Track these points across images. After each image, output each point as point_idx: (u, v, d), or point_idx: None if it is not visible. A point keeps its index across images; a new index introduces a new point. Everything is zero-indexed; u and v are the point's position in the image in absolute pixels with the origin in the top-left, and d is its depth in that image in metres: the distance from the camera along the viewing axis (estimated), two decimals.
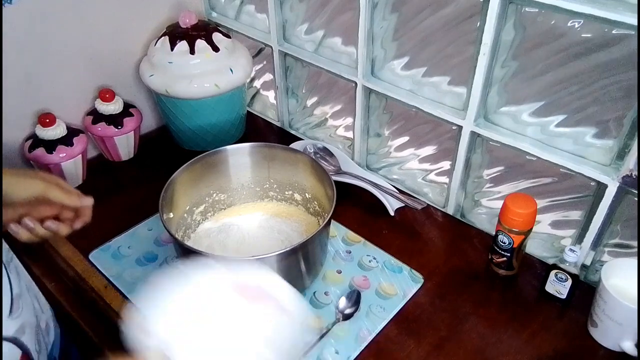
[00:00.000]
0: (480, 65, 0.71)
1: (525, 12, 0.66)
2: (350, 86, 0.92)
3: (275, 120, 1.14)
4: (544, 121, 0.72)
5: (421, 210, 0.87)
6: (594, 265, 0.75)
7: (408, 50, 0.82)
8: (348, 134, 1.00)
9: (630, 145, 0.64)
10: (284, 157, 0.82)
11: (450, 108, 0.80)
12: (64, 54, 0.93)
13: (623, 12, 0.58)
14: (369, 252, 0.81)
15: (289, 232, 0.81)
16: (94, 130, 0.97)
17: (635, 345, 0.64)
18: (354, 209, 0.89)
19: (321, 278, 0.77)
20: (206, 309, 0.45)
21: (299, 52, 0.97)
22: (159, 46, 0.96)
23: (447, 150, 0.85)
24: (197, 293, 0.46)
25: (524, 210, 0.70)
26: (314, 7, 0.92)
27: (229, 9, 1.09)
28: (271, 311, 0.47)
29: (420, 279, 0.77)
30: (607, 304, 0.65)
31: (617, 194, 0.67)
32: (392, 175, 0.97)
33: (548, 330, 0.70)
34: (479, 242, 0.84)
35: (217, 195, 0.84)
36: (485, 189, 0.84)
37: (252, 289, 0.47)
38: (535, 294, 0.75)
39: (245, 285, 0.47)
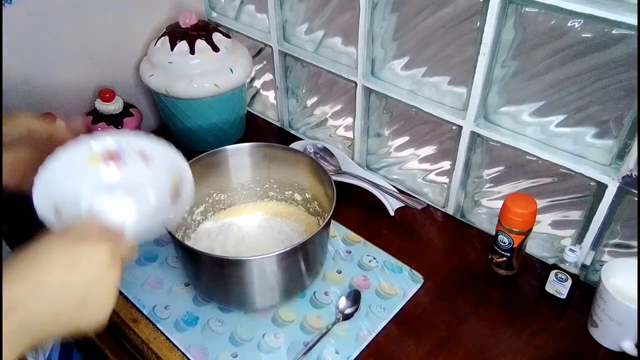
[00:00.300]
0: (480, 65, 0.71)
1: (525, 12, 0.66)
2: (350, 86, 0.92)
3: (275, 120, 1.14)
4: (544, 121, 0.72)
5: (421, 210, 0.87)
6: (594, 265, 0.75)
7: (408, 50, 0.82)
8: (348, 134, 1.00)
9: (630, 145, 0.64)
10: (284, 157, 0.82)
11: (450, 108, 0.80)
12: (63, 54, 0.93)
13: (623, 12, 0.58)
14: (369, 252, 0.81)
15: (289, 232, 0.81)
16: (94, 130, 0.97)
17: (635, 345, 0.64)
18: (354, 209, 0.89)
19: (321, 278, 0.77)
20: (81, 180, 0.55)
21: (299, 52, 0.97)
22: (159, 46, 0.96)
23: (447, 150, 0.85)
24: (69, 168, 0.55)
25: (524, 210, 0.70)
26: (314, 7, 0.92)
27: (229, 9, 1.09)
28: (133, 165, 0.58)
29: (420, 279, 0.77)
30: (607, 304, 0.65)
31: (617, 194, 0.67)
32: (392, 175, 0.97)
33: (548, 330, 0.70)
34: (479, 242, 0.84)
35: (217, 195, 0.84)
36: (485, 189, 0.84)
37: (113, 153, 0.57)
38: (535, 294, 0.75)
39: (106, 152, 0.57)
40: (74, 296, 0.41)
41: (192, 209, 0.81)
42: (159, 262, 0.80)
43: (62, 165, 0.54)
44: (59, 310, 0.40)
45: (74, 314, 0.41)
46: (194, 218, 0.82)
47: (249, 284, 0.67)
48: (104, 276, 0.43)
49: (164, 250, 0.82)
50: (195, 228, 0.82)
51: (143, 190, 0.57)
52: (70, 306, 0.41)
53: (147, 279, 0.77)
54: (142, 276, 0.78)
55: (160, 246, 0.82)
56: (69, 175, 0.54)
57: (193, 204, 0.81)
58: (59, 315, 0.41)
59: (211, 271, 0.70)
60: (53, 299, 0.40)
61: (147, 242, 0.83)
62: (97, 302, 0.43)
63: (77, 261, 0.41)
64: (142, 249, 0.82)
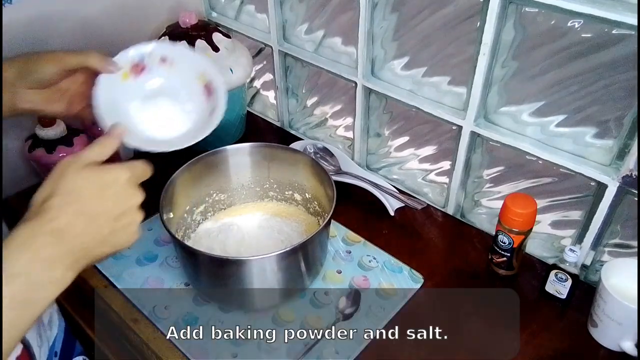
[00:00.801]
0: (480, 65, 0.71)
1: (525, 12, 0.66)
2: (350, 86, 0.92)
3: (275, 120, 1.14)
4: (544, 121, 0.72)
5: (421, 210, 0.87)
6: (594, 265, 0.75)
7: (408, 50, 0.82)
8: (348, 134, 1.00)
9: (630, 145, 0.64)
10: (284, 157, 0.82)
11: (450, 108, 0.80)
12: None
13: (623, 12, 0.58)
14: (369, 252, 0.81)
15: (289, 232, 0.81)
16: (94, 130, 0.97)
17: (635, 345, 0.64)
18: (354, 209, 0.89)
19: (321, 278, 0.77)
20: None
21: (299, 52, 0.97)
22: None
23: (447, 150, 0.85)
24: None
25: (524, 210, 0.70)
26: (314, 7, 0.92)
27: (229, 9, 1.09)
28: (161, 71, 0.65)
29: (420, 279, 0.77)
30: (607, 304, 0.65)
31: (617, 194, 0.67)
32: (392, 175, 0.97)
33: (548, 330, 0.70)
34: (479, 242, 0.84)
35: (217, 195, 0.84)
36: (485, 189, 0.84)
37: (137, 65, 0.65)
38: (535, 294, 0.75)
39: (132, 65, 0.65)
40: (107, 220, 0.47)
41: (192, 209, 0.81)
42: (159, 262, 0.80)
43: (105, 90, 0.61)
44: (97, 234, 0.47)
45: (108, 237, 0.48)
46: (194, 218, 0.82)
47: (249, 284, 0.67)
48: (130, 199, 0.49)
49: (164, 250, 0.82)
50: (195, 228, 0.82)
51: (176, 91, 0.65)
52: (105, 229, 0.47)
53: (147, 279, 0.77)
54: (142, 276, 0.78)
55: (160, 246, 0.82)
56: (114, 97, 0.62)
57: (193, 204, 0.81)
58: (97, 238, 0.47)
59: (211, 271, 0.70)
60: (92, 224, 0.46)
61: (147, 242, 0.83)
62: (127, 224, 0.49)
63: (106, 187, 0.47)
64: (142, 249, 0.82)
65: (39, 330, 0.62)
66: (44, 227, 0.43)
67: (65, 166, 0.47)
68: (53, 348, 0.66)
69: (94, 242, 0.46)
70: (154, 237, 0.83)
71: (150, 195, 0.73)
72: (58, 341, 0.68)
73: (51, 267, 0.43)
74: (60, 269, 0.44)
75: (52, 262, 0.43)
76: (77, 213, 0.45)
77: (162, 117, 0.65)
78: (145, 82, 0.65)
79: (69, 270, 0.45)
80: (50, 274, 0.43)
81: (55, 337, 0.67)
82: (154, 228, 0.84)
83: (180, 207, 0.77)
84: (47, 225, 0.43)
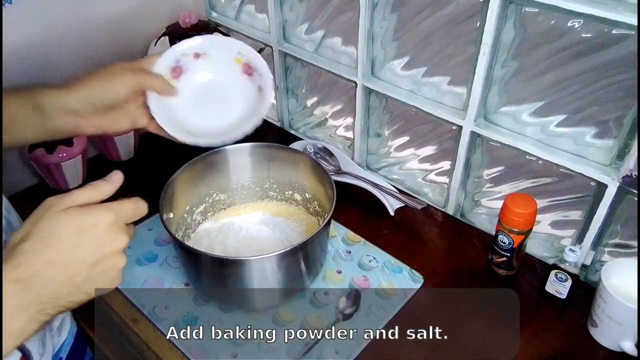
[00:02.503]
0: (480, 65, 0.71)
1: (525, 12, 0.66)
2: (350, 86, 0.92)
3: (275, 120, 1.14)
4: (544, 121, 0.72)
5: (421, 210, 0.87)
6: (594, 265, 0.75)
7: (408, 50, 0.82)
8: (348, 134, 1.00)
9: (630, 145, 0.64)
10: (284, 157, 0.82)
11: (450, 108, 0.80)
12: (63, 53, 0.93)
13: (623, 12, 0.58)
14: (369, 252, 0.81)
15: (289, 232, 0.81)
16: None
17: (635, 345, 0.64)
18: (354, 209, 0.89)
19: (321, 278, 0.77)
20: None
21: (299, 52, 0.97)
22: (158, 46, 0.96)
23: (447, 150, 0.85)
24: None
25: (524, 210, 0.70)
26: (314, 7, 0.92)
27: (229, 9, 1.09)
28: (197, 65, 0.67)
29: (420, 279, 0.77)
30: (607, 304, 0.65)
31: (617, 194, 0.67)
32: (392, 175, 0.97)
33: (548, 330, 0.70)
34: (479, 242, 0.84)
35: (217, 195, 0.84)
36: (485, 189, 0.84)
37: (175, 68, 0.66)
38: (535, 294, 0.75)
39: (171, 70, 0.66)
40: (82, 267, 0.43)
41: (192, 209, 0.81)
42: (159, 262, 0.80)
43: (158, 99, 0.63)
44: (69, 282, 0.43)
45: (82, 284, 0.44)
46: (194, 218, 0.82)
47: (249, 284, 0.67)
48: (111, 244, 0.45)
49: (164, 250, 0.82)
50: (195, 228, 0.82)
51: (219, 79, 0.67)
52: (78, 277, 0.43)
53: (147, 279, 0.77)
54: (142, 276, 0.78)
55: (160, 246, 0.82)
56: (168, 103, 0.64)
57: (193, 204, 0.81)
58: (69, 286, 0.43)
59: (211, 271, 0.70)
60: (64, 272, 0.42)
61: (147, 242, 0.83)
62: (106, 270, 0.45)
63: (84, 232, 0.43)
64: (142, 249, 0.82)
65: (43, 338, 0.61)
66: (8, 274, 0.40)
67: (48, 206, 0.44)
68: (58, 354, 0.65)
69: (65, 290, 0.43)
70: (154, 237, 0.83)
71: (150, 195, 0.73)
72: (65, 347, 0.67)
73: (12, 318, 0.40)
74: (22, 320, 0.41)
75: (13, 313, 0.40)
76: (47, 261, 0.42)
77: (215, 108, 0.67)
78: (189, 80, 0.67)
79: (32, 321, 0.42)
80: (10, 326, 0.40)
81: (63, 342, 0.67)
82: (154, 228, 0.84)
83: (180, 207, 0.77)
84: (13, 273, 0.40)
